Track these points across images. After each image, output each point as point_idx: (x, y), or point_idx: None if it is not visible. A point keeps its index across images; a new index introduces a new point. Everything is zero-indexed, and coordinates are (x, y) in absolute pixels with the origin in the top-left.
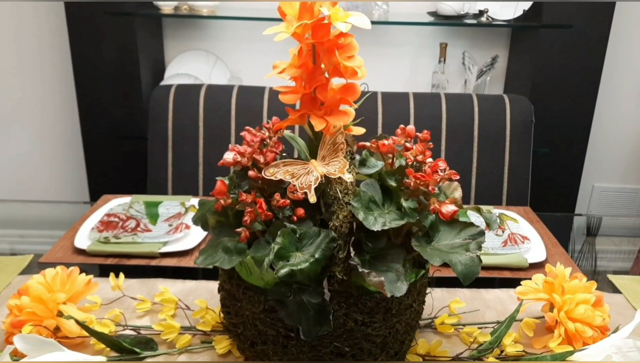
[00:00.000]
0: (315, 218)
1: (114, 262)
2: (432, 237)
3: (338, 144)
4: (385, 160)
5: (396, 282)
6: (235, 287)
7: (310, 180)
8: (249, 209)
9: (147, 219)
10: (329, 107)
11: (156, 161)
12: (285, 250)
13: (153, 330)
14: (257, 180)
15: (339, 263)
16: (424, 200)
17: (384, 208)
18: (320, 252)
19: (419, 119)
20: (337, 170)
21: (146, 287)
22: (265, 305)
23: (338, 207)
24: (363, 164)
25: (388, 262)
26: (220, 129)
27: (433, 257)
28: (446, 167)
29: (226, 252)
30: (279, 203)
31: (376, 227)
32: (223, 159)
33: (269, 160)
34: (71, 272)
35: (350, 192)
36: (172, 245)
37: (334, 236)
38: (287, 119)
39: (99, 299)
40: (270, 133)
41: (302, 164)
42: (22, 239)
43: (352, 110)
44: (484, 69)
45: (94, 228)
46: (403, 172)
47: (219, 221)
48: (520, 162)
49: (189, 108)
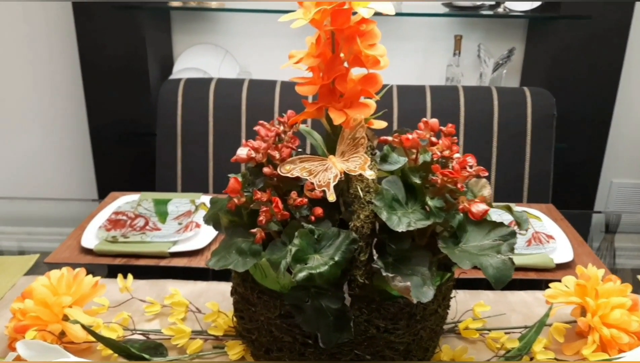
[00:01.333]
0: (334, 218)
1: (122, 262)
2: (459, 238)
3: (358, 138)
4: (409, 155)
5: (422, 286)
6: (250, 290)
7: (329, 177)
8: (264, 208)
9: (156, 217)
10: (348, 98)
11: (165, 158)
12: (303, 252)
13: (163, 334)
14: (273, 178)
15: (360, 266)
16: (451, 198)
17: (407, 208)
18: (340, 254)
19: (435, 113)
20: (358, 166)
21: (155, 288)
22: (281, 310)
23: (359, 206)
24: (385, 160)
25: (413, 265)
26: (230, 125)
27: (462, 260)
28: (475, 162)
29: (240, 253)
30: (296, 203)
31: (400, 227)
32: (236, 155)
33: (284, 156)
34: (77, 273)
35: (372, 190)
36: (182, 245)
37: (355, 237)
38: (303, 112)
39: (106, 302)
40: (285, 127)
41: (319, 160)
42: (30, 237)
43: (373, 103)
44: (500, 61)
45: (101, 227)
46: (428, 168)
47: (232, 221)
48: (541, 158)
49: (198, 103)
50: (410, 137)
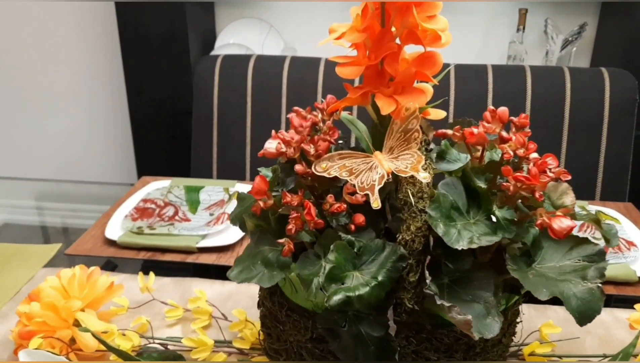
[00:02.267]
0: (378, 227)
1: (146, 256)
2: (533, 256)
3: (411, 131)
4: (472, 153)
5: (485, 317)
6: (278, 306)
7: (374, 178)
8: (295, 214)
9: (186, 206)
10: (400, 83)
11: (200, 141)
12: (340, 269)
13: (183, 345)
14: (306, 177)
15: (408, 288)
16: (523, 207)
17: (469, 218)
18: (384, 273)
19: (498, 97)
20: (409, 166)
21: (180, 288)
22: (313, 332)
23: (409, 215)
24: (442, 158)
25: (474, 289)
26: (270, 106)
27: (537, 288)
28: (557, 164)
29: (266, 265)
30: (333, 209)
31: (460, 244)
32: (264, 149)
33: (321, 152)
34: (91, 273)
35: (426, 195)
36: (211, 239)
37: (403, 253)
38: (345, 98)
39: (126, 302)
40: (323, 115)
41: (363, 157)
42: (74, 213)
43: (430, 88)
44: (570, 38)
45: (127, 216)
46: (496, 169)
47: (258, 225)
48: (619, 149)
49: (236, 81)
50: (476, 131)
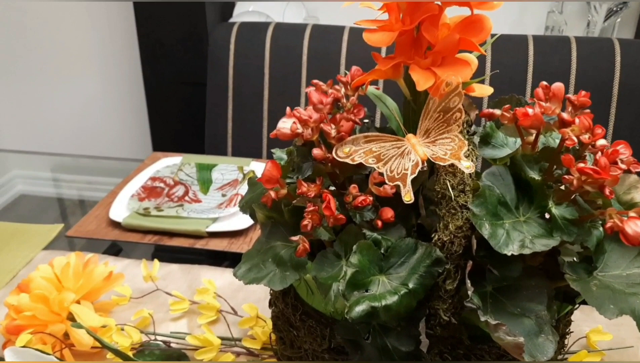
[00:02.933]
0: (409, 223)
1: (152, 240)
2: (594, 262)
3: (452, 111)
4: (524, 137)
5: (537, 335)
6: (291, 308)
7: (406, 166)
8: (312, 208)
9: (197, 186)
10: (440, 52)
11: (215, 114)
12: (363, 274)
13: (187, 343)
14: (326, 163)
15: (445, 297)
16: (586, 204)
17: (518, 215)
18: (416, 279)
19: (539, 71)
20: (450, 153)
21: (188, 276)
22: (331, 342)
23: (448, 211)
24: (486, 142)
25: (523, 301)
26: (289, 78)
27: (603, 303)
28: (630, 153)
29: (278, 263)
30: (357, 202)
31: (510, 249)
32: (277, 129)
33: (343, 133)
34: (88, 261)
35: (469, 188)
36: (223, 223)
37: (440, 257)
38: (373, 70)
39: (129, 291)
40: (347, 90)
41: (393, 141)
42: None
43: (475, 59)
44: (615, 8)
45: (134, 195)
46: (554, 157)
47: (269, 217)
48: None
49: (253, 51)
50: (531, 112)
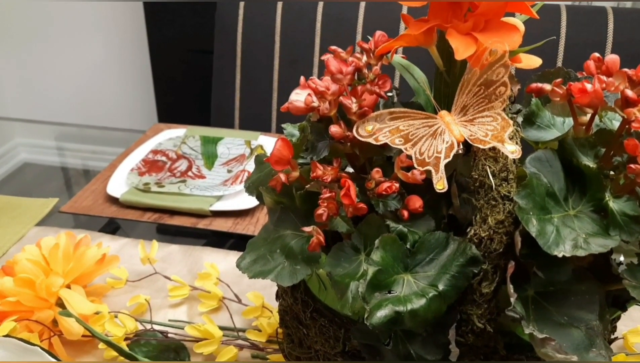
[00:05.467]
0: (439, 214)
1: (152, 218)
2: None
3: (496, 84)
4: (577, 117)
5: (587, 349)
6: (301, 305)
7: (439, 149)
8: (328, 194)
9: (201, 160)
10: (483, 15)
11: (222, 83)
12: (386, 272)
13: (186, 334)
14: (345, 142)
15: (480, 302)
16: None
17: (567, 207)
18: (448, 279)
19: (571, 44)
20: (491, 134)
21: (189, 259)
22: (345, 345)
23: (486, 202)
24: (530, 122)
25: (571, 309)
26: (301, 46)
27: None
28: None
29: (287, 255)
30: (380, 189)
31: (561, 249)
32: (289, 102)
33: (366, 108)
34: (79, 242)
35: (512, 176)
36: (227, 201)
37: (476, 255)
38: (402, 35)
39: (125, 273)
40: (369, 59)
41: (424, 118)
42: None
43: (521, 24)
44: None
45: (134, 169)
46: (613, 142)
47: (279, 202)
48: None
49: (263, 17)
50: (590, 88)
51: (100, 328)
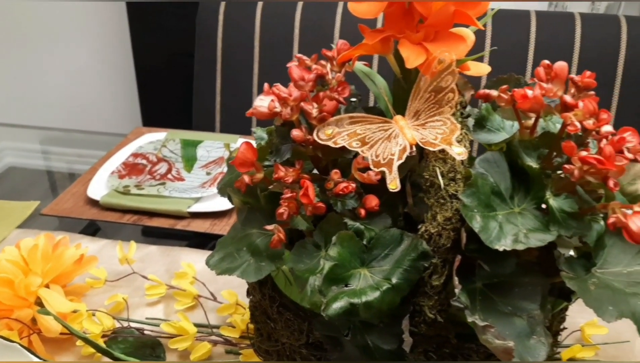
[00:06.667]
0: (395, 212)
1: (131, 220)
2: (593, 257)
3: (445, 91)
4: (522, 121)
5: (528, 337)
6: (268, 300)
7: (393, 151)
8: (289, 194)
9: (181, 163)
10: (433, 26)
11: (203, 87)
12: (343, 267)
13: (162, 331)
14: (306, 145)
15: (431, 294)
16: (587, 196)
17: (513, 205)
18: (401, 273)
19: (541, 48)
20: (440, 137)
21: (167, 258)
22: (309, 337)
23: (436, 200)
24: (481, 126)
25: (515, 299)
26: (279, 52)
27: (601, 305)
28: (638, 141)
29: (253, 253)
30: (338, 189)
31: (502, 243)
32: (254, 107)
33: (326, 113)
34: (58, 243)
35: (460, 176)
36: (205, 203)
37: (426, 250)
38: (360, 44)
39: (104, 273)
40: (333, 66)
41: (380, 123)
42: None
43: (471, 34)
44: None
45: (114, 172)
46: (553, 144)
47: (245, 202)
48: None
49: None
50: (531, 94)
51: (78, 326)
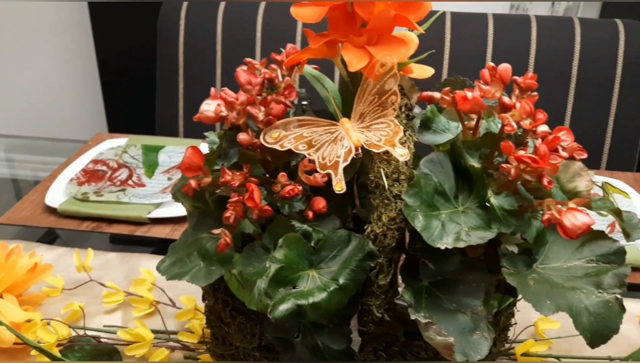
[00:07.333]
0: (344, 213)
1: (90, 227)
2: (534, 254)
3: (387, 94)
4: (465, 122)
5: (471, 333)
6: (221, 304)
7: (339, 153)
8: (235, 198)
9: (142, 169)
10: (375, 30)
11: (166, 92)
12: (291, 270)
13: (119, 339)
14: (254, 149)
15: (377, 293)
16: (527, 194)
17: (457, 204)
18: (348, 273)
19: (499, 50)
20: (384, 139)
21: (126, 265)
22: (261, 340)
23: (381, 201)
24: (426, 127)
25: (460, 296)
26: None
27: (539, 300)
28: (572, 139)
29: (204, 257)
30: (284, 192)
31: (444, 242)
32: (200, 111)
33: (272, 117)
34: (10, 252)
35: (404, 177)
36: (166, 209)
37: (372, 250)
38: (306, 48)
39: (61, 282)
40: (283, 70)
41: (326, 125)
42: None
43: (415, 37)
44: None
45: (73, 179)
46: (494, 144)
47: (196, 207)
48: (630, 112)
49: (205, 27)
50: (470, 96)
51: (32, 336)
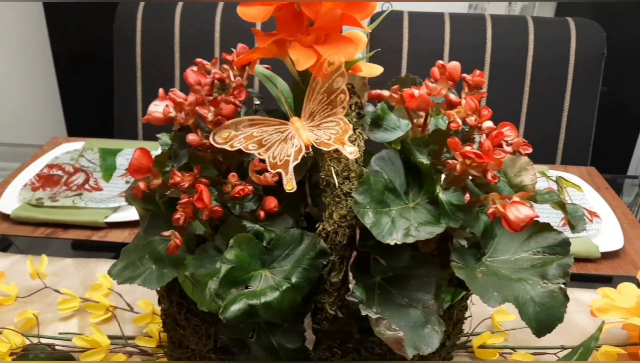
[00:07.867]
0: (297, 213)
1: (44, 233)
2: (483, 247)
3: (336, 92)
4: (414, 119)
5: (422, 327)
6: (176, 307)
7: (289, 152)
8: (185, 199)
9: (99, 173)
10: (322, 29)
11: (124, 95)
12: (242, 270)
13: (75, 346)
14: (204, 149)
15: (330, 291)
16: (475, 188)
17: (407, 201)
18: (300, 272)
19: (456, 49)
20: (334, 137)
21: (83, 271)
22: (216, 341)
23: (332, 199)
24: (377, 125)
25: (411, 291)
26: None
27: (487, 292)
28: (516, 135)
29: (156, 260)
30: (234, 192)
31: (393, 238)
32: (148, 113)
33: (221, 117)
34: None
35: (354, 175)
36: (123, 213)
37: (324, 248)
38: (255, 48)
39: (15, 290)
40: (234, 70)
41: (277, 125)
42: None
43: (363, 36)
44: None
45: (27, 184)
46: (443, 140)
47: (147, 209)
48: (583, 107)
49: (162, 28)
50: (417, 93)
51: None
